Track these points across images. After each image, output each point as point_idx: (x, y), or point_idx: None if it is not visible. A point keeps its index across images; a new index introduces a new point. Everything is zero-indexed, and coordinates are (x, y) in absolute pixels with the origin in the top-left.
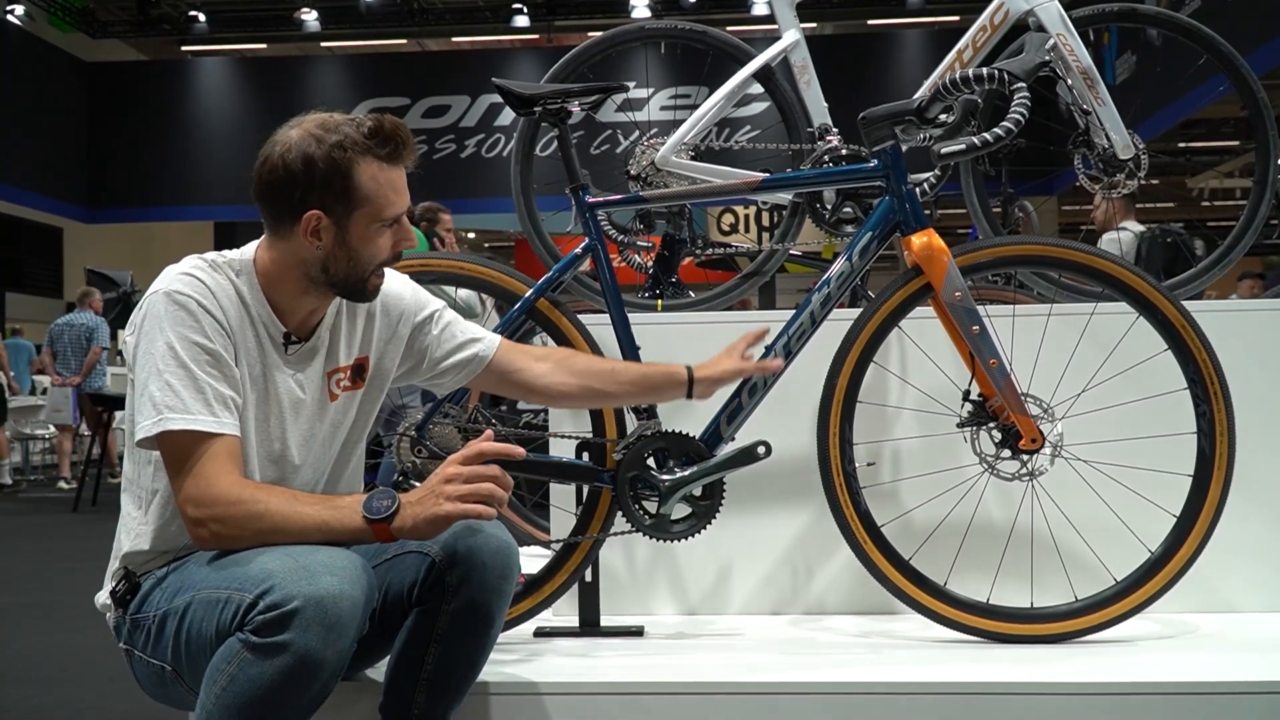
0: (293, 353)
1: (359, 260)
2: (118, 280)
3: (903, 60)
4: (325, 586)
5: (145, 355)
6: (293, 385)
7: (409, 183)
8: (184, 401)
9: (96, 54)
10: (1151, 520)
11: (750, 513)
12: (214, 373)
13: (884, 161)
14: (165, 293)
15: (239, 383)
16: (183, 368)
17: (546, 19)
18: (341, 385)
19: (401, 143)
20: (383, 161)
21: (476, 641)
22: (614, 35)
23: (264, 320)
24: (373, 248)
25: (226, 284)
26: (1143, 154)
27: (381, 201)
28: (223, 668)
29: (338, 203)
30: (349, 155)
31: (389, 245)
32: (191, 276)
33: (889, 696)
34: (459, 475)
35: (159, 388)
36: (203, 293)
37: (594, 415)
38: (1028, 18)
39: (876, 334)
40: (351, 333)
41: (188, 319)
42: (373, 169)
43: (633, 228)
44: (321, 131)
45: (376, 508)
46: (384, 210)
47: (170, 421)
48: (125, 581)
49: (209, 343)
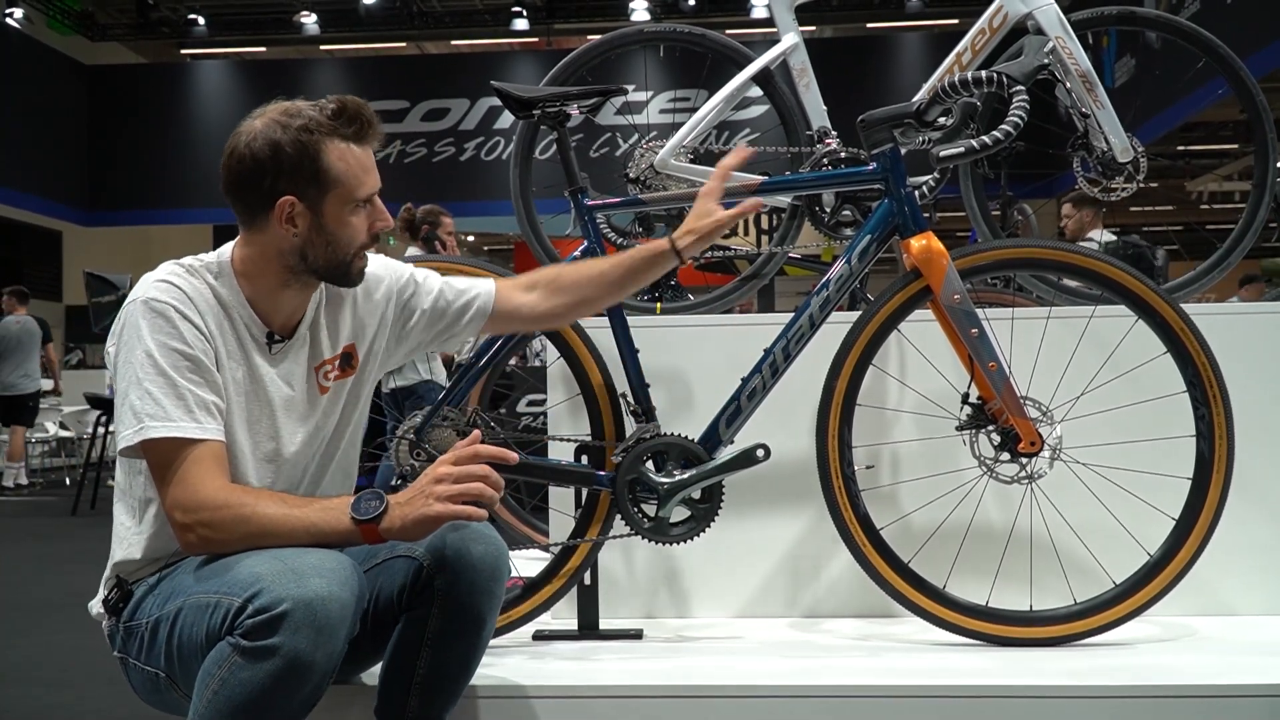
0: (277, 351)
1: (337, 244)
2: (117, 283)
3: (902, 63)
4: (314, 589)
5: (125, 364)
6: (281, 384)
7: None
8: (164, 409)
9: (96, 57)
10: (1150, 523)
11: (749, 516)
12: (195, 378)
13: (883, 164)
14: (143, 301)
15: (221, 387)
16: (162, 375)
17: (545, 22)
18: (331, 377)
19: (366, 122)
20: (349, 141)
21: (468, 644)
22: (613, 38)
23: (245, 321)
24: (349, 230)
25: (204, 287)
26: (1142, 157)
27: (353, 181)
28: (214, 672)
29: (309, 186)
30: (315, 137)
31: (364, 226)
32: (168, 283)
33: (888, 700)
34: (449, 475)
35: (139, 396)
36: (180, 299)
37: (593, 418)
38: (1026, 21)
39: (875, 337)
40: (333, 323)
41: (166, 326)
42: (340, 149)
43: (632, 230)
44: (285, 117)
45: (365, 509)
46: (356, 190)
47: (151, 430)
48: (118, 589)
49: (188, 349)
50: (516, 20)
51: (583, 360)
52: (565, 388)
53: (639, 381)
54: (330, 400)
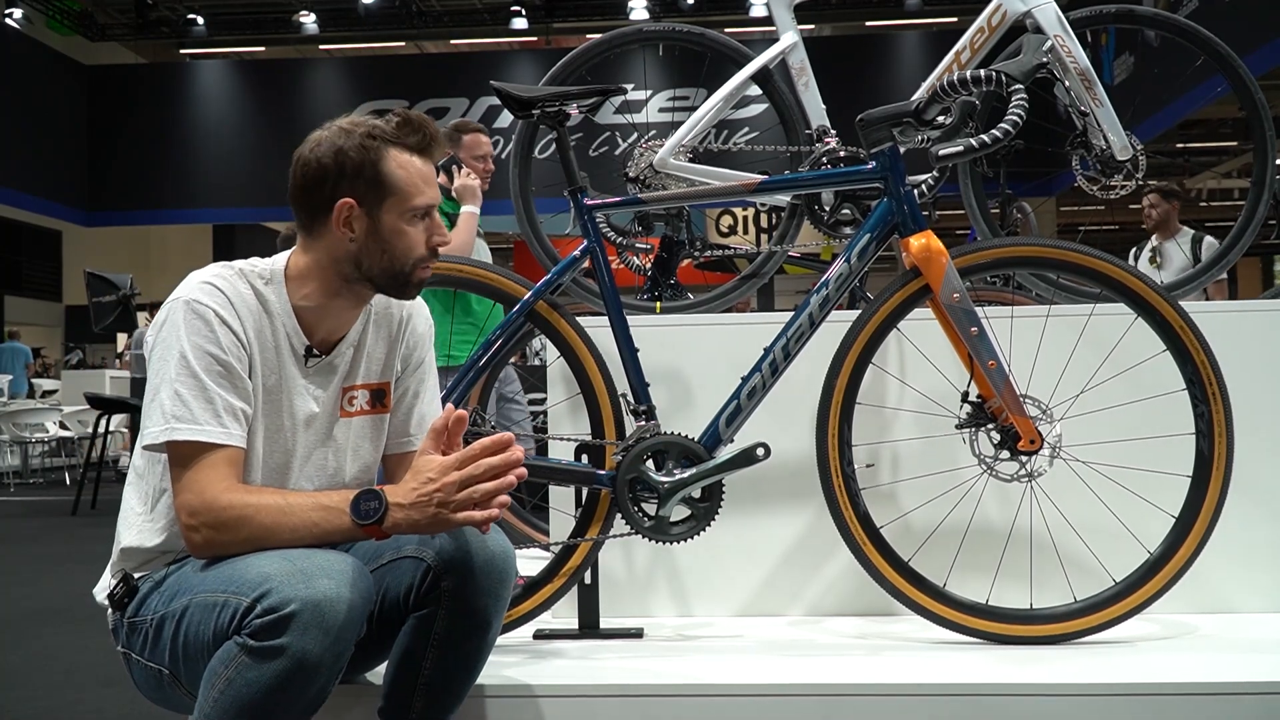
0: (313, 366)
1: (394, 253)
2: (117, 283)
3: (901, 62)
4: (322, 590)
5: (161, 361)
6: (309, 399)
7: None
8: (192, 412)
9: (95, 57)
10: (1150, 521)
11: (749, 514)
12: (225, 384)
13: (882, 163)
14: (185, 301)
15: (250, 394)
16: (194, 377)
17: (545, 21)
18: (356, 405)
19: (430, 135)
20: (411, 152)
21: (474, 646)
22: (612, 37)
23: (288, 331)
24: (406, 240)
25: (249, 293)
26: (1140, 155)
27: (411, 190)
28: (220, 671)
29: (369, 191)
30: (378, 144)
31: (422, 239)
32: (212, 285)
33: (888, 698)
34: (453, 484)
35: (169, 396)
36: (221, 303)
37: (593, 417)
38: (1025, 19)
39: (875, 335)
40: (375, 352)
41: (204, 328)
42: (401, 159)
43: (631, 230)
44: (351, 126)
45: (364, 511)
46: (413, 198)
47: (178, 432)
48: (123, 584)
49: (222, 354)
50: (515, 19)
51: (582, 359)
52: (565, 387)
53: (639, 380)
54: (343, 431)
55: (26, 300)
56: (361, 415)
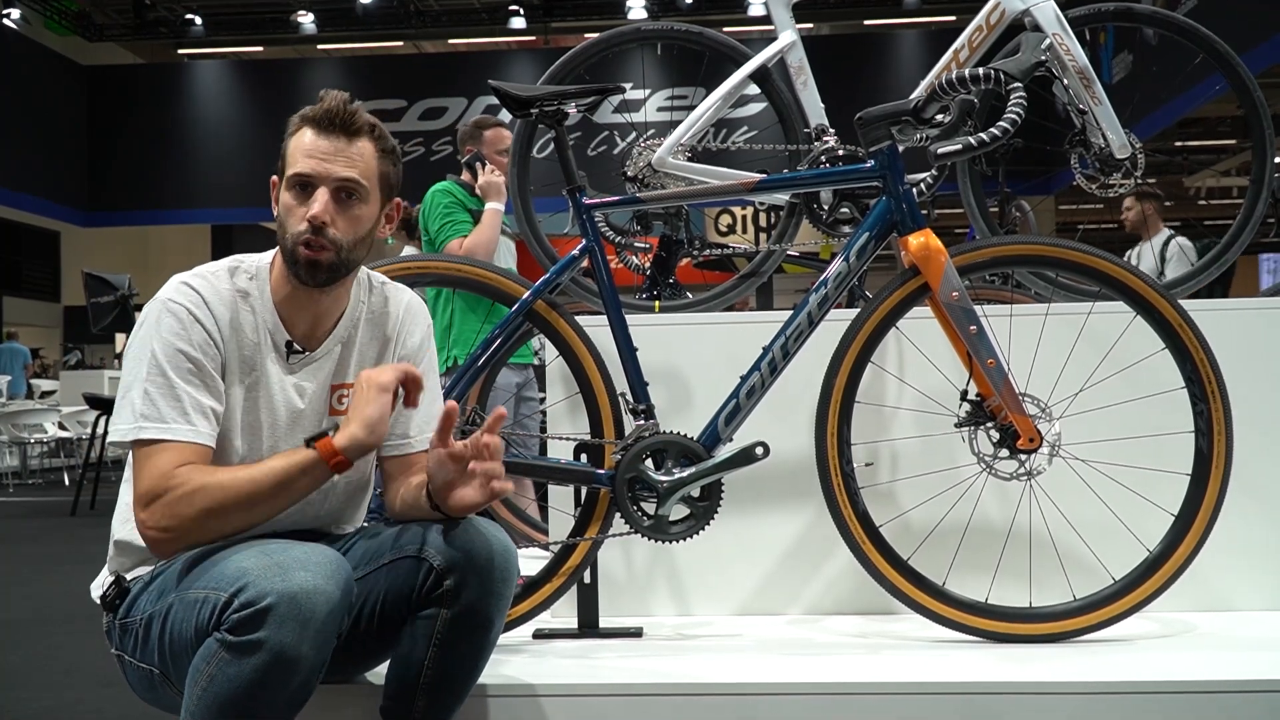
0: (295, 361)
1: (282, 229)
2: (115, 283)
3: (899, 60)
4: (299, 582)
5: (134, 359)
6: (292, 394)
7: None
8: (159, 411)
9: (93, 57)
10: (1149, 519)
11: (749, 513)
12: (195, 381)
13: (881, 162)
14: (162, 300)
15: (221, 392)
16: (163, 376)
17: (543, 20)
18: (347, 405)
19: (329, 110)
20: (310, 125)
21: (475, 646)
22: (611, 37)
23: (269, 326)
24: (284, 211)
25: (227, 290)
26: (1139, 153)
27: (291, 158)
28: (202, 668)
29: (281, 168)
30: (295, 122)
31: (300, 212)
32: (188, 285)
33: (888, 697)
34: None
35: (139, 395)
36: (195, 301)
37: (592, 416)
38: (1024, 17)
39: (874, 334)
40: (366, 350)
41: (175, 325)
42: (302, 131)
43: (630, 229)
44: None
45: (318, 435)
46: (291, 166)
47: (145, 430)
48: (115, 586)
49: (193, 350)
50: (514, 19)
51: (581, 359)
52: (564, 386)
53: (638, 380)
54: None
55: (25, 301)
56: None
